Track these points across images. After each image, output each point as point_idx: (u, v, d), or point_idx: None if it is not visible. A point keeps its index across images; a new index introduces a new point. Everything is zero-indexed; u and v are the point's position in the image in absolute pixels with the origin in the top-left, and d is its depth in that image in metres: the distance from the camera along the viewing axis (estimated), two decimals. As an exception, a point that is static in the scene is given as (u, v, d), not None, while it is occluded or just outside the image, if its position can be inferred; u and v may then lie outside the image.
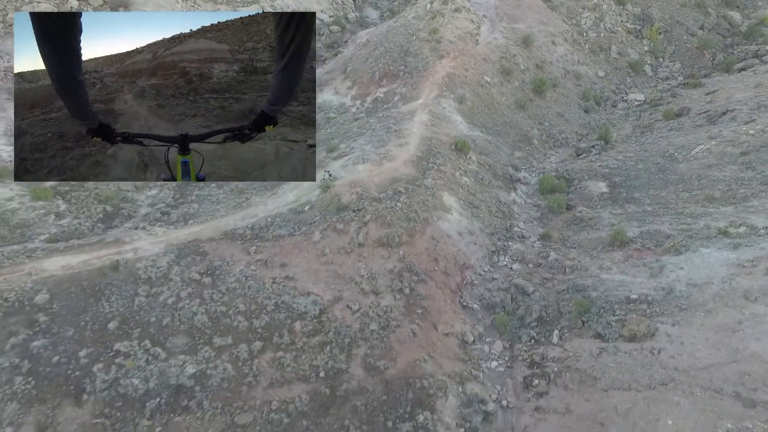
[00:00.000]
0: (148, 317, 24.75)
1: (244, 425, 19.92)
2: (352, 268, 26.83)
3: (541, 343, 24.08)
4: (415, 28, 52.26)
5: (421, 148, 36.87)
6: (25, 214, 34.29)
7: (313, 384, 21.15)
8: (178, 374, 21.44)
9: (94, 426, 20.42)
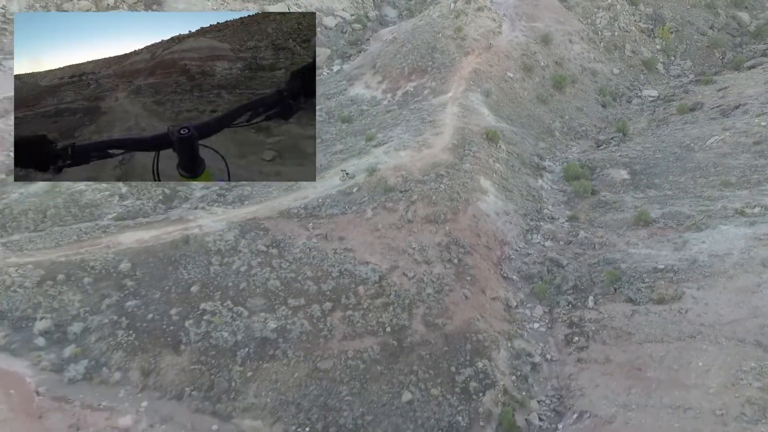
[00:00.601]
0: (225, 282, 27.68)
1: (326, 370, 22.86)
2: (404, 241, 29.79)
3: (577, 308, 27.05)
4: (440, 26, 55.14)
5: (455, 137, 39.82)
6: (91, 196, 37.24)
7: (382, 337, 24.09)
8: (262, 329, 24.39)
9: (192, 371, 23.33)
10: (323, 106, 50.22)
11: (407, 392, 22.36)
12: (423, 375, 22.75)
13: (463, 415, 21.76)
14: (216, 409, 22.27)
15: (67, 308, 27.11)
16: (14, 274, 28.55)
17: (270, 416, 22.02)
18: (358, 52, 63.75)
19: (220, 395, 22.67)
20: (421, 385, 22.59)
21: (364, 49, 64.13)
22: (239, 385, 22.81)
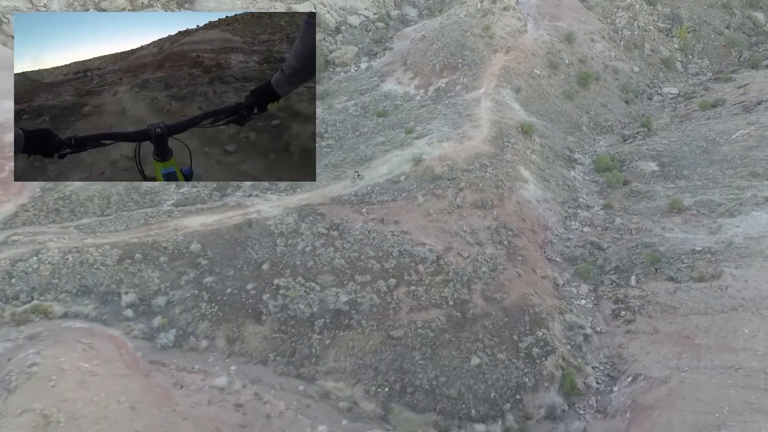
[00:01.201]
0: (293, 261, 29.81)
1: (399, 338, 24.97)
2: (455, 225, 31.93)
3: (621, 286, 29.18)
4: (468, 24, 57.25)
5: (493, 130, 41.96)
6: (150, 183, 39.36)
7: (446, 309, 26.19)
8: (335, 301, 26.53)
9: (274, 339, 25.45)
10: (358, 101, 52.42)
11: (475, 357, 24.53)
12: (488, 342, 24.91)
13: (529, 377, 23.95)
14: (300, 372, 24.45)
15: (148, 284, 29.29)
16: (95, 253, 30.72)
17: (350, 378, 24.17)
18: (384, 49, 65.75)
19: (302, 360, 24.82)
20: (487, 350, 24.75)
21: (389, 47, 66.14)
22: (319, 351, 24.95)
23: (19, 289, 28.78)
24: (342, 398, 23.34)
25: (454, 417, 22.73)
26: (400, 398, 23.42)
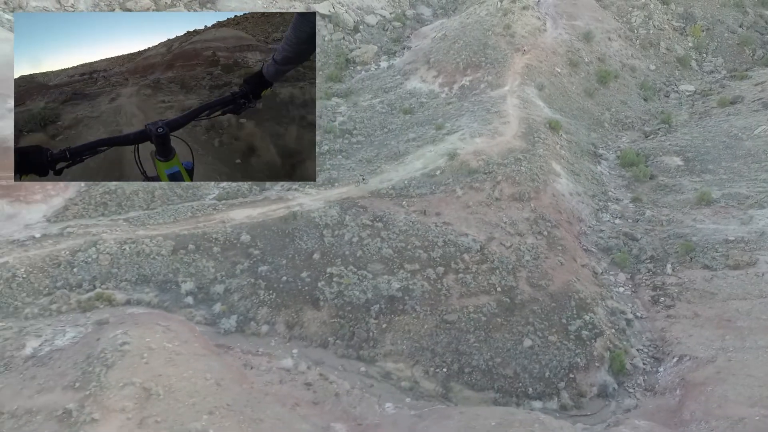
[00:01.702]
0: (341, 251, 31.07)
1: (452, 321, 26.28)
2: (495, 216, 33.22)
3: (657, 274, 30.52)
4: (489, 24, 58.57)
5: (522, 126, 43.27)
6: (191, 178, 40.57)
7: (495, 295, 27.49)
8: (388, 288, 27.82)
9: (332, 323, 26.73)
10: (383, 99, 53.69)
11: (528, 339, 25.82)
12: (539, 325, 26.21)
13: (580, 357, 25.23)
14: (360, 354, 25.74)
15: (204, 273, 30.54)
16: (150, 244, 31.96)
17: (409, 359, 25.44)
18: (403, 48, 67.01)
19: (361, 343, 26.09)
20: (538, 333, 26.04)
21: (407, 45, 67.41)
22: (376, 334, 26.22)
23: (81, 277, 30.06)
24: (403, 378, 24.68)
25: (512, 395, 24.05)
26: (459, 378, 24.76)
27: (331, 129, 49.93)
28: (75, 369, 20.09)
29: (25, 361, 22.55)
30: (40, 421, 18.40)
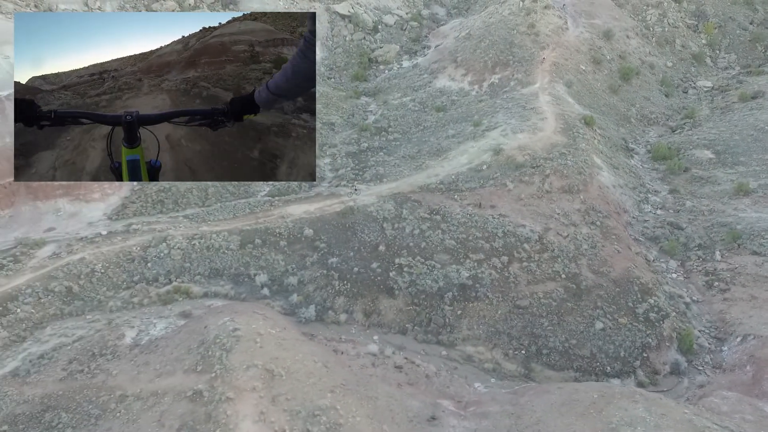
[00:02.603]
0: (405, 242, 32.32)
1: (525, 307, 27.65)
2: (547, 208, 34.66)
3: (707, 261, 32.11)
4: (513, 23, 60.09)
5: (559, 122, 44.75)
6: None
7: (561, 282, 28.91)
8: (457, 277, 29.14)
9: (408, 311, 27.98)
10: (414, 97, 55.01)
11: (599, 322, 27.26)
12: (607, 309, 27.67)
13: (651, 338, 26.73)
14: (439, 339, 27.04)
15: (274, 266, 31.67)
16: (218, 239, 33.01)
17: (487, 343, 26.77)
18: (423, 48, 68.37)
19: (439, 329, 27.39)
20: (608, 316, 27.50)
21: (427, 45, 68.79)
22: (452, 320, 27.52)
23: (156, 272, 31.09)
24: (485, 360, 26.02)
25: (590, 373, 25.47)
26: (538, 359, 26.14)
27: (366, 127, 51.20)
28: (191, 354, 21.19)
29: (130, 349, 23.61)
30: (169, 401, 19.47)
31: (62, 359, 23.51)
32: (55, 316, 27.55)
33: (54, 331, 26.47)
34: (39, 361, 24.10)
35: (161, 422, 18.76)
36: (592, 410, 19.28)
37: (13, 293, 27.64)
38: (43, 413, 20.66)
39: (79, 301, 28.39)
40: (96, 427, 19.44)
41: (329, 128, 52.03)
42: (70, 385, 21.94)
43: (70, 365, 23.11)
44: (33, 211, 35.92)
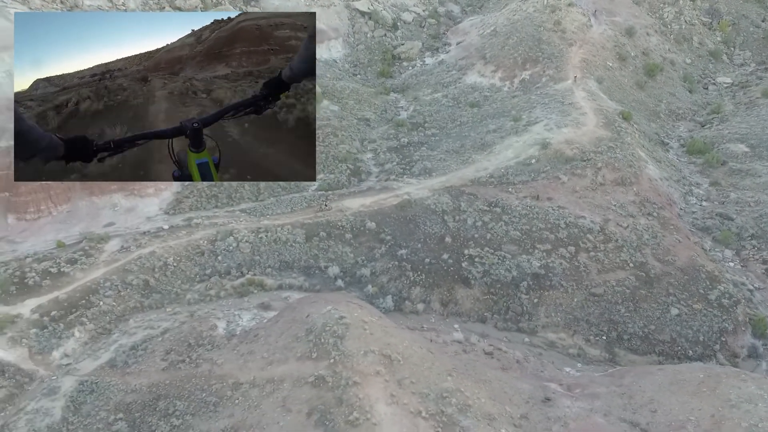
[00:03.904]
0: (469, 234, 32.90)
1: (600, 294, 28.44)
2: (603, 200, 35.46)
3: (762, 250, 33.27)
4: (539, 20, 60.95)
5: (599, 117, 45.65)
6: (289, 170, 41.84)
7: (630, 270, 29.73)
8: (529, 266, 29.83)
9: (485, 300, 28.58)
10: (446, 93, 55.60)
11: (674, 308, 28.10)
12: (680, 296, 28.52)
13: (727, 322, 27.64)
14: (519, 327, 27.69)
15: (343, 258, 32.06)
16: (283, 232, 33.27)
17: (567, 329, 27.48)
18: (445, 45, 69.03)
19: (518, 317, 28.02)
20: (682, 302, 28.34)
21: (447, 42, 69.45)
22: (530, 308, 28.16)
23: (227, 265, 31.31)
24: (568, 346, 26.69)
25: (673, 357, 26.27)
26: (619, 344, 26.89)
27: (402, 123, 51.69)
28: (300, 342, 21.49)
29: (228, 340, 23.87)
30: (289, 387, 19.78)
31: (158, 350, 23.73)
32: (136, 309, 27.74)
33: (138, 323, 26.66)
34: (133, 352, 24.33)
35: (286, 407, 19.08)
36: (704, 389, 20.06)
37: (93, 286, 27.77)
38: (155, 401, 20.90)
39: (156, 294, 28.57)
40: (216, 414, 19.72)
41: (365, 124, 52.50)
42: (174, 374, 22.19)
43: (169, 356, 23.35)
44: (90, 207, 35.92)
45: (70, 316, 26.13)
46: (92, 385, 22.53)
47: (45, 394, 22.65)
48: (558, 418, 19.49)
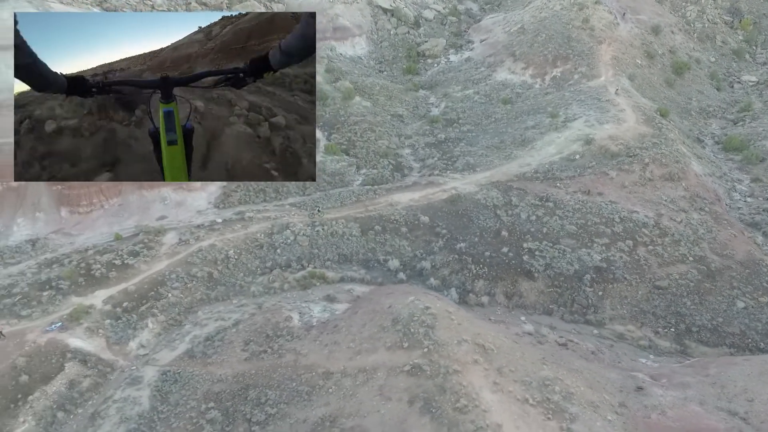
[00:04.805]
0: (525, 228, 33.10)
1: (665, 287, 28.66)
2: (653, 195, 35.76)
3: (814, 244, 33.41)
4: (567, 18, 61.26)
5: (638, 113, 45.96)
6: (332, 166, 42.08)
7: (690, 264, 30.03)
8: (590, 260, 30.09)
9: (549, 292, 28.78)
10: (477, 90, 55.80)
11: (739, 301, 28.42)
12: (744, 289, 28.84)
13: (797, 314, 27.88)
14: (587, 319, 27.89)
15: (401, 251, 32.21)
16: (338, 226, 33.35)
17: (635, 322, 27.72)
18: (467, 42, 69.25)
19: (584, 309, 28.25)
20: (747, 296, 28.68)
21: (469, 39, 69.66)
22: (595, 301, 28.38)
23: (287, 258, 31.38)
24: (638, 338, 26.92)
25: (744, 349, 26.55)
26: (689, 336, 27.15)
27: (435, 119, 51.88)
28: (387, 332, 21.60)
29: (306, 331, 23.93)
30: (383, 376, 19.88)
31: (236, 341, 23.78)
32: (203, 301, 27.77)
33: (207, 315, 26.70)
34: (209, 343, 24.38)
35: (384, 395, 19.18)
36: (797, 378, 20.35)
37: (159, 278, 27.79)
38: (245, 391, 20.96)
39: (221, 286, 28.61)
40: (310, 403, 19.79)
41: (398, 120, 52.66)
42: (258, 364, 22.25)
43: (249, 346, 23.40)
44: (140, 200, 35.90)
45: (142, 308, 26.18)
46: (175, 375, 22.64)
47: (129, 383, 22.77)
48: (654, 407, 19.67)
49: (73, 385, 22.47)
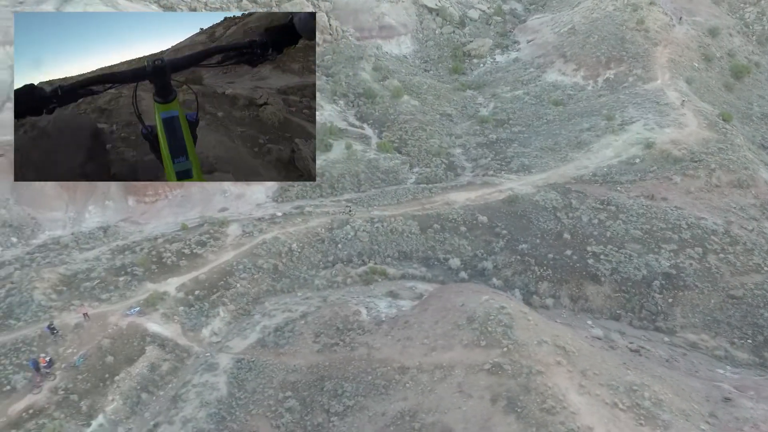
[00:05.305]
0: (587, 231, 32.82)
1: (740, 297, 28.20)
2: (721, 201, 34.99)
3: None
4: (620, 19, 60.30)
5: (699, 117, 44.98)
6: (386, 164, 42.30)
7: (765, 274, 29.66)
8: (658, 266, 29.69)
9: (617, 297, 28.48)
10: (527, 91, 55.34)
11: (821, 313, 27.51)
12: (826, 300, 27.95)
13: None
14: (656, 326, 27.50)
15: (461, 250, 32.23)
16: (397, 222, 33.52)
17: (708, 331, 27.22)
18: (513, 42, 68.67)
19: (653, 316, 27.88)
20: (830, 307, 27.76)
21: (515, 40, 69.04)
22: (665, 308, 27.96)
23: (347, 253, 31.71)
24: (712, 348, 26.40)
25: (830, 363, 25.79)
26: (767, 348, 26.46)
27: (486, 119, 51.64)
28: (463, 330, 21.66)
29: (377, 325, 24.15)
30: (461, 374, 19.95)
31: (307, 333, 24.12)
32: (269, 292, 28.26)
33: (274, 306, 27.16)
34: (279, 333, 24.80)
35: (464, 393, 19.25)
36: None
37: (228, 269, 28.38)
38: (320, 382, 21.27)
39: (286, 278, 29.06)
40: (388, 396, 19.98)
41: (448, 119, 52.64)
42: (331, 356, 22.54)
43: (320, 338, 23.71)
44: (202, 192, 36.69)
45: (213, 296, 26.78)
46: (249, 363, 23.10)
47: (205, 369, 23.34)
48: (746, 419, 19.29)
49: (154, 368, 23.24)
